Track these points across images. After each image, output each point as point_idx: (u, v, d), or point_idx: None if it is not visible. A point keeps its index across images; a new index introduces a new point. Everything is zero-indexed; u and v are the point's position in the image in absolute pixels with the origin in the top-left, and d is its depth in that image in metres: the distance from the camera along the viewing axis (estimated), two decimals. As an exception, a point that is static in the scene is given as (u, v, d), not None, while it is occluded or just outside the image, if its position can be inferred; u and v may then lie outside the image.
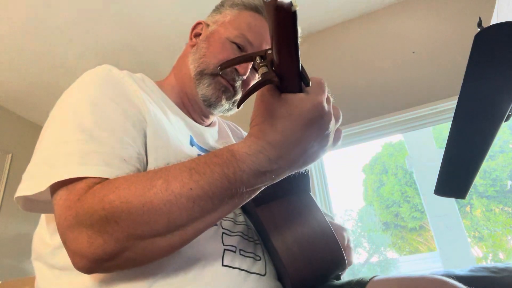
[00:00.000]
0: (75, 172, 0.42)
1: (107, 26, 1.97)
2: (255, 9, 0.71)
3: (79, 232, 0.39)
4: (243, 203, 0.42)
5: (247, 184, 0.39)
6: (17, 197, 0.46)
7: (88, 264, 0.40)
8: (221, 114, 0.75)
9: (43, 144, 0.48)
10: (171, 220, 0.39)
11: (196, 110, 0.72)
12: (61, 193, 0.43)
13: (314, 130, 0.39)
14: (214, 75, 0.68)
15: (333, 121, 0.40)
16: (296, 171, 0.42)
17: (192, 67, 0.70)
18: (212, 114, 0.74)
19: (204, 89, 0.68)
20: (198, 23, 0.77)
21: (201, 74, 0.68)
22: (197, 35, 0.76)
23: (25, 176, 0.46)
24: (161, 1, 1.85)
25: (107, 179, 0.43)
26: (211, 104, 0.69)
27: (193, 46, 0.74)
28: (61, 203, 0.42)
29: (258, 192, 0.42)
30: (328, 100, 0.40)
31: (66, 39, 2.01)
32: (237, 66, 0.67)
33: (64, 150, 0.45)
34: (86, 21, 1.92)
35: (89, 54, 2.13)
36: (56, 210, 0.42)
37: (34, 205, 0.49)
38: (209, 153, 0.41)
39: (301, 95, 0.38)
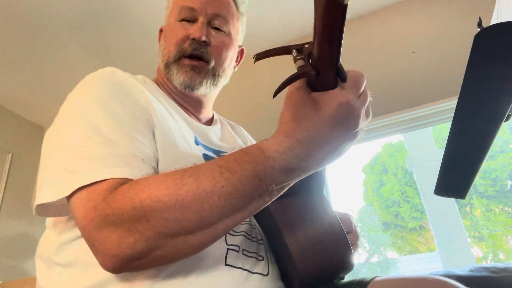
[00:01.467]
0: (99, 176, 0.42)
1: (108, 27, 1.97)
2: None
3: (108, 232, 0.39)
4: (272, 201, 0.42)
5: (277, 181, 0.39)
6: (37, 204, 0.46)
7: (118, 264, 0.40)
8: (213, 90, 0.72)
9: (58, 150, 0.48)
10: (203, 218, 0.39)
11: (189, 102, 0.72)
12: (82, 196, 0.42)
13: (342, 129, 0.39)
14: (176, 61, 0.67)
15: (362, 118, 0.40)
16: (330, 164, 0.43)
17: (161, 65, 0.71)
18: (203, 95, 0.72)
19: (177, 78, 0.67)
20: (160, 30, 0.77)
21: (168, 67, 0.68)
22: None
23: (44, 184, 0.46)
24: (162, 2, 1.86)
25: (129, 179, 0.43)
26: (191, 87, 0.67)
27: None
28: (83, 205, 0.42)
29: (287, 189, 0.42)
30: (363, 96, 0.40)
31: (68, 39, 2.01)
32: (189, 32, 0.66)
33: (83, 154, 0.45)
34: (87, 21, 1.92)
35: (91, 54, 2.13)
36: (79, 213, 0.42)
37: (48, 210, 0.49)
38: (238, 151, 0.42)
39: (330, 93, 0.38)
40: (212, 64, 0.68)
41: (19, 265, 2.19)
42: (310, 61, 0.37)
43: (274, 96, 0.40)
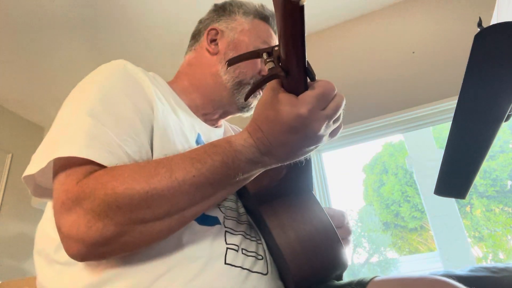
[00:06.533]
0: (79, 152, 0.43)
1: (108, 27, 1.97)
2: (265, 18, 0.76)
3: (77, 216, 0.40)
4: (238, 188, 0.47)
5: (243, 170, 0.43)
6: (28, 181, 0.48)
7: (83, 249, 0.40)
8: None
9: (52, 127, 0.50)
10: (174, 205, 0.41)
11: (214, 116, 0.75)
12: (60, 177, 0.44)
13: (300, 136, 0.41)
14: (250, 84, 0.72)
15: (323, 129, 0.41)
16: (294, 161, 0.46)
17: (227, 77, 0.71)
18: (230, 114, 0.78)
19: (244, 97, 0.72)
20: (212, 29, 0.76)
21: (240, 84, 0.72)
22: (213, 41, 0.76)
23: (33, 157, 0.48)
24: (163, 2, 1.85)
25: (106, 167, 0.44)
26: (248, 109, 0.75)
27: (214, 53, 0.74)
28: (59, 187, 0.43)
29: (252, 178, 0.47)
30: (331, 107, 0.41)
31: (67, 39, 2.01)
32: (262, 70, 0.72)
33: (71, 131, 0.46)
34: (87, 22, 1.92)
35: (91, 54, 2.13)
36: (54, 194, 0.43)
37: (43, 191, 0.50)
38: (206, 144, 0.45)
39: (293, 101, 0.39)
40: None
41: (19, 265, 2.19)
42: (279, 63, 0.39)
43: (246, 99, 0.44)
